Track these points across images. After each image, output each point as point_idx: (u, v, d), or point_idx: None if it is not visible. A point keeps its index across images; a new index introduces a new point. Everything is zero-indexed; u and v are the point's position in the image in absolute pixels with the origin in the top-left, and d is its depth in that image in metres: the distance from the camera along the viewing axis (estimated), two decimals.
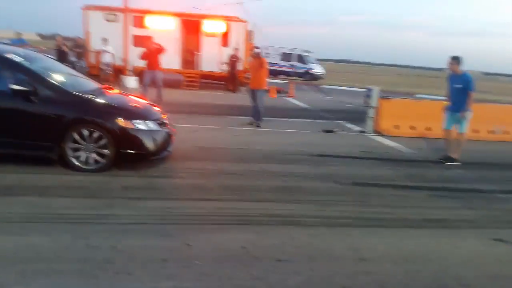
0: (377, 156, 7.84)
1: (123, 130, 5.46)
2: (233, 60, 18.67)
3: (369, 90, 10.47)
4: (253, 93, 10.46)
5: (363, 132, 10.31)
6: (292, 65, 30.46)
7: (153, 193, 4.96)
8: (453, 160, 7.59)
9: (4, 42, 16.33)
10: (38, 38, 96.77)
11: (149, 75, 12.93)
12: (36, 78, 5.35)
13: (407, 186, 6.06)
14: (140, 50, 17.01)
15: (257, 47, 10.93)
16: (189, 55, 19.84)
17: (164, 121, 6.19)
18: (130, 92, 10.67)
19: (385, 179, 6.32)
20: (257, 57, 10.67)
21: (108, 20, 17.96)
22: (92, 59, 17.78)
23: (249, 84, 10.94)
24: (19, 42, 16.73)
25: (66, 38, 17.61)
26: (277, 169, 6.38)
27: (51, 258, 3.25)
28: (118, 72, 17.33)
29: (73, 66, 17.56)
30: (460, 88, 7.45)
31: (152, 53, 12.97)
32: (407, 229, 4.47)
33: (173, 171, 5.92)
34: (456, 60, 7.58)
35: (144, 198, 4.74)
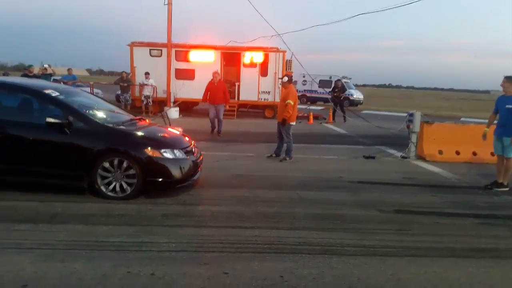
0: (420, 183, 7.58)
1: (151, 159, 5.65)
2: (336, 91, 19.96)
3: (411, 114, 10.25)
4: (280, 127, 9.33)
5: (405, 157, 10.04)
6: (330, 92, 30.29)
7: (192, 220, 5.02)
8: (502, 186, 7.21)
9: (56, 78, 17.55)
10: (87, 74, 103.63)
11: (211, 108, 12.79)
12: (70, 112, 5.70)
13: (452, 213, 5.79)
14: (181, 82, 17.97)
15: (287, 75, 9.59)
16: (229, 85, 20.36)
17: (192, 149, 6.37)
18: (172, 122, 11.05)
19: (429, 206, 6.09)
20: (287, 86, 9.13)
21: (152, 55, 18.84)
22: (137, 93, 18.67)
23: (277, 117, 9.54)
24: (70, 78, 17.93)
25: (112, 73, 18.78)
26: (315, 196, 6.30)
27: (93, 285, 3.34)
28: (162, 103, 18.04)
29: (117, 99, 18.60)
30: (511, 109, 7.03)
31: (216, 88, 12.64)
32: (452, 258, 4.24)
33: (211, 199, 5.98)
34: (510, 79, 7.16)
35: (182, 226, 4.81)
